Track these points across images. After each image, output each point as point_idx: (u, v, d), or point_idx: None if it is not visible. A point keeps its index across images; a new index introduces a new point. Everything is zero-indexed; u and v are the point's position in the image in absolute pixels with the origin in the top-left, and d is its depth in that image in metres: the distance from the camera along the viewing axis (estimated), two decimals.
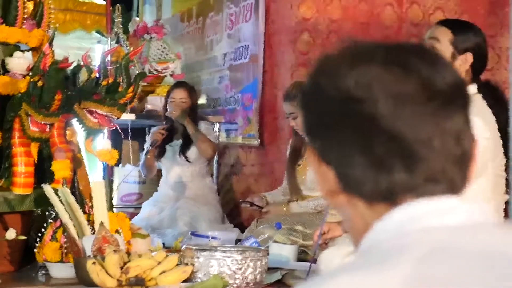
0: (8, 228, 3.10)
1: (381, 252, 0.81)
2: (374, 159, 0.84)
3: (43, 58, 3.26)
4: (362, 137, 0.85)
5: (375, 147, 0.84)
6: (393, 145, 0.84)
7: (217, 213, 5.07)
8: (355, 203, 0.89)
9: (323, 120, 0.89)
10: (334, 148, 0.88)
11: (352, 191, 0.88)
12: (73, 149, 3.42)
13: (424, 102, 0.84)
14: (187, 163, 5.14)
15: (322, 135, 0.90)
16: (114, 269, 2.63)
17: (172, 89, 5.21)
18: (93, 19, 7.14)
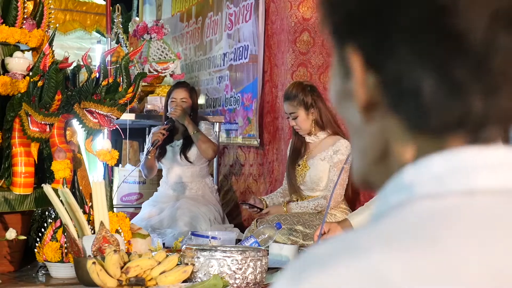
0: (8, 228, 3.10)
1: (419, 217, 0.64)
2: (451, 82, 0.67)
3: (43, 58, 3.26)
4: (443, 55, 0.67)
5: (456, 70, 0.67)
6: (477, 71, 0.67)
7: (217, 213, 5.08)
8: (387, 121, 0.71)
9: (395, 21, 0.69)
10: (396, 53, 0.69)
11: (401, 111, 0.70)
12: (73, 149, 3.42)
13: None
14: (187, 164, 5.15)
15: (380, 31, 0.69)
16: (114, 269, 2.63)
17: (173, 89, 5.22)
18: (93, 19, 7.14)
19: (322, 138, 4.39)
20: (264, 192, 5.33)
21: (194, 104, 5.19)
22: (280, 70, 5.26)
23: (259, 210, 4.40)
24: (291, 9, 4.98)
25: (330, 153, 4.31)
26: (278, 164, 5.27)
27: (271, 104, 5.44)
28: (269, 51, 5.43)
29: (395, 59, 0.68)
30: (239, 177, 5.90)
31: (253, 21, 5.54)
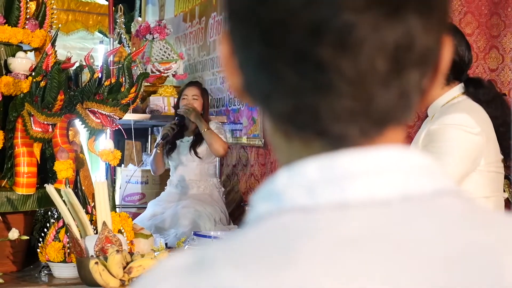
0: (11, 228, 3.10)
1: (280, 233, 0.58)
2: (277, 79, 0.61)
3: (46, 58, 3.26)
4: (267, 49, 0.61)
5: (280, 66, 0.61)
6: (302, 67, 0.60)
7: (223, 215, 5.08)
8: (263, 112, 0.66)
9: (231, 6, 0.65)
10: (240, 47, 0.64)
11: (256, 101, 0.67)
12: (76, 149, 3.42)
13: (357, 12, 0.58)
14: (196, 160, 5.15)
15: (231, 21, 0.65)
16: (116, 269, 2.63)
17: (185, 87, 5.29)
18: (96, 19, 7.14)
19: None
20: None
21: (205, 104, 5.22)
22: None
23: None
24: None
25: None
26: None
27: None
28: None
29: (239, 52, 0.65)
30: (241, 177, 5.90)
31: None
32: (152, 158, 5.25)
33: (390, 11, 0.58)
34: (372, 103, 0.60)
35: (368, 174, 0.59)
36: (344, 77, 0.59)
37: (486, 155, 2.73)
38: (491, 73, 3.61)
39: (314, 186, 0.59)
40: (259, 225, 0.60)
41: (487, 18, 3.66)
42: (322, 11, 0.58)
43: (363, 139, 0.61)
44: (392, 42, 0.59)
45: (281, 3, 0.60)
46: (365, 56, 0.59)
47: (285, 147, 0.65)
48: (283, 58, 0.60)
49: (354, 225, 0.57)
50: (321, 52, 0.59)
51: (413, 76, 0.60)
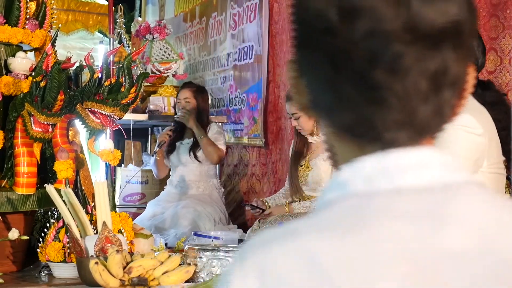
0: (11, 228, 3.10)
1: (347, 212, 0.76)
2: (340, 95, 0.78)
3: (46, 58, 3.27)
4: (332, 72, 0.78)
5: (343, 85, 0.78)
6: (361, 86, 0.77)
7: (222, 215, 5.08)
8: (325, 125, 0.84)
9: (303, 38, 0.82)
10: (309, 69, 0.82)
11: (321, 116, 0.84)
12: (76, 149, 3.42)
13: (407, 43, 0.75)
14: (196, 162, 5.16)
15: (300, 49, 0.83)
16: (116, 269, 2.64)
17: (179, 90, 5.28)
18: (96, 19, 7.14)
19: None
20: (268, 192, 5.33)
21: (200, 104, 5.18)
22: (282, 70, 5.26)
23: (261, 211, 4.40)
24: None
25: None
26: (281, 164, 5.27)
27: (274, 104, 5.44)
28: (273, 51, 5.43)
29: (307, 74, 0.83)
30: (242, 177, 5.90)
31: (257, 21, 5.54)
32: (153, 164, 5.28)
33: (431, 45, 0.76)
34: (415, 115, 0.77)
35: (413, 168, 0.77)
36: (394, 94, 0.76)
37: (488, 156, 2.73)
38: (489, 75, 3.61)
39: (372, 177, 0.77)
40: (330, 207, 0.78)
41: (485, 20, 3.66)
42: (378, 42, 0.75)
43: (408, 144, 0.79)
44: (432, 69, 0.76)
45: (346, 36, 0.76)
46: (411, 78, 0.76)
47: (343, 151, 0.83)
48: (346, 79, 0.77)
49: (406, 204, 0.75)
50: (377, 75, 0.76)
51: (446, 95, 0.78)
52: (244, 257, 0.77)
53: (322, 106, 0.81)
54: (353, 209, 0.76)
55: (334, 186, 0.80)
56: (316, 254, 0.73)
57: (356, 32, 0.76)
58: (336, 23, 0.77)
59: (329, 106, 0.80)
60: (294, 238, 0.75)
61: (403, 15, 0.75)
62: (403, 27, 0.75)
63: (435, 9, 0.76)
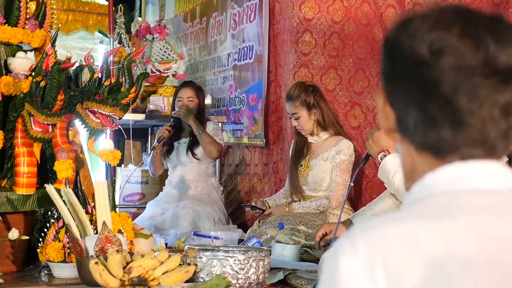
0: (11, 228, 3.10)
1: (437, 204, 0.96)
2: (426, 117, 0.98)
3: (46, 58, 3.27)
4: (421, 96, 0.98)
5: (430, 108, 0.97)
6: (446, 109, 0.97)
7: (222, 214, 5.08)
8: (408, 145, 1.03)
9: (394, 70, 1.02)
10: (398, 96, 1.02)
11: (405, 136, 1.03)
12: (76, 149, 3.42)
13: (484, 77, 0.95)
14: (194, 161, 5.16)
15: (391, 81, 1.03)
16: (116, 269, 2.63)
17: (180, 88, 5.27)
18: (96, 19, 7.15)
19: (324, 138, 4.39)
20: (269, 192, 5.33)
21: (201, 103, 5.21)
22: (283, 70, 5.26)
23: (261, 211, 4.40)
24: (293, 9, 4.97)
25: (332, 153, 4.31)
26: (282, 164, 5.27)
27: (275, 104, 5.44)
28: (274, 51, 5.43)
29: (396, 101, 1.03)
30: (244, 177, 5.90)
31: (257, 21, 5.54)
32: (150, 161, 5.25)
33: (503, 80, 0.96)
34: (488, 136, 0.97)
35: (487, 175, 0.98)
36: (473, 117, 0.96)
37: None
38: None
39: (454, 180, 0.98)
40: (422, 202, 0.98)
41: None
42: (461, 74, 0.96)
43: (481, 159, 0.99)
44: (503, 99, 0.96)
45: (435, 67, 0.96)
46: (486, 106, 0.96)
47: (424, 166, 1.02)
48: (433, 103, 0.97)
49: (484, 200, 0.96)
50: (459, 100, 0.96)
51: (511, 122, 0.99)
52: (354, 237, 0.94)
53: (409, 127, 1.01)
54: (443, 203, 0.96)
55: (421, 188, 1.00)
56: (419, 234, 0.92)
57: (444, 65, 0.96)
58: (427, 57, 0.97)
59: (415, 127, 1.00)
60: (398, 223, 0.95)
61: (482, 55, 0.95)
62: (482, 64, 0.95)
63: (507, 52, 0.96)
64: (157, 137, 5.08)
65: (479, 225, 0.94)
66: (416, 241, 0.92)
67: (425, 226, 0.93)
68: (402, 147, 1.05)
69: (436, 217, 0.94)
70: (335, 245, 0.95)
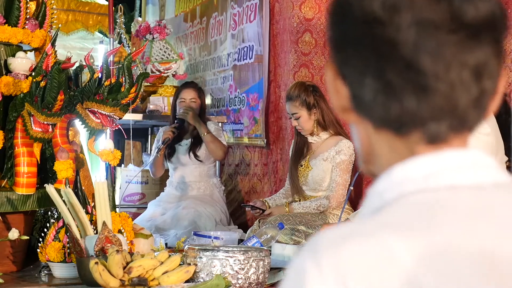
0: (11, 228, 3.10)
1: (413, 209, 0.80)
2: (385, 84, 0.83)
3: (46, 58, 3.27)
4: (378, 62, 0.83)
5: (389, 74, 0.82)
6: (408, 74, 0.81)
7: (223, 215, 5.07)
8: (365, 124, 0.87)
9: (345, 36, 0.87)
10: (351, 66, 0.86)
11: (362, 112, 0.87)
12: (76, 149, 3.42)
13: (448, 32, 0.81)
14: (196, 163, 5.15)
15: (342, 50, 0.87)
16: (116, 269, 2.63)
17: (181, 89, 5.23)
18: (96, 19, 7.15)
19: (324, 138, 4.39)
20: (269, 192, 5.33)
21: (203, 104, 5.20)
22: (283, 70, 5.26)
23: (261, 211, 4.40)
24: (293, 9, 4.97)
25: (332, 153, 4.31)
26: (282, 164, 5.27)
27: (275, 104, 5.44)
28: (274, 51, 5.43)
29: (348, 72, 0.86)
30: (244, 177, 5.90)
31: (257, 21, 5.54)
32: (152, 162, 5.21)
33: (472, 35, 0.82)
34: (458, 103, 0.82)
35: (465, 168, 0.83)
36: (440, 80, 0.81)
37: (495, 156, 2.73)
38: None
39: (430, 176, 0.82)
40: (395, 205, 0.81)
41: None
42: (421, 32, 0.81)
43: (451, 135, 0.84)
44: (474, 59, 0.82)
45: (391, 25, 0.81)
46: (455, 67, 0.81)
47: (387, 151, 0.86)
48: (393, 67, 0.82)
49: (467, 201, 0.80)
50: (423, 62, 0.81)
51: (486, 86, 0.83)
52: (318, 257, 0.77)
53: (366, 101, 0.85)
54: (420, 207, 0.80)
55: (389, 186, 0.84)
56: (395, 250, 0.76)
57: (401, 21, 0.81)
58: (380, 14, 0.82)
59: (373, 99, 0.84)
60: (370, 236, 0.77)
61: (445, 7, 0.81)
62: (446, 18, 0.81)
63: (474, 4, 0.82)
64: (162, 139, 5.04)
65: (467, 237, 0.77)
66: (391, 259, 0.75)
67: (402, 240, 0.76)
68: (358, 127, 0.89)
69: (414, 228, 0.77)
70: (296, 262, 0.79)
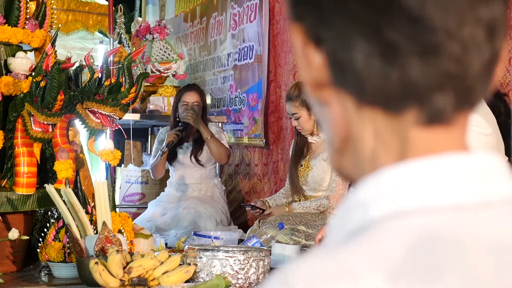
0: (11, 228, 3.10)
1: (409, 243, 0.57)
2: (383, 46, 0.60)
3: (46, 58, 3.27)
4: (374, 17, 0.61)
5: (388, 31, 0.60)
6: (413, 30, 0.60)
7: (224, 216, 5.06)
8: (343, 101, 0.64)
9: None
10: (331, 24, 0.63)
11: (345, 85, 0.63)
12: (76, 149, 3.42)
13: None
14: (197, 166, 5.12)
15: (316, 5, 0.64)
16: (116, 269, 2.63)
17: (183, 92, 5.14)
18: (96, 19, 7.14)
19: (324, 138, 4.39)
20: (269, 192, 5.33)
21: (205, 106, 5.16)
22: (283, 70, 5.27)
23: (261, 211, 4.40)
24: None
25: None
26: (283, 164, 5.27)
27: (275, 104, 5.44)
28: (274, 51, 5.44)
29: (331, 31, 0.63)
30: (244, 177, 5.90)
31: (257, 21, 5.54)
32: (153, 165, 5.16)
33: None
34: (471, 67, 0.61)
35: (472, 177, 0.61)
36: (453, 39, 0.60)
37: None
38: None
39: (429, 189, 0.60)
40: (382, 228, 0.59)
41: None
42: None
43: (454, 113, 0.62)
44: (488, 15, 0.61)
45: None
46: (469, 22, 0.61)
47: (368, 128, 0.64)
48: (393, 24, 0.60)
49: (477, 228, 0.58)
50: (432, 16, 0.60)
51: (497, 46, 0.63)
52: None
53: (353, 69, 0.62)
54: (418, 240, 0.57)
55: (380, 196, 0.61)
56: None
57: None
58: None
59: (364, 66, 0.61)
60: (353, 278, 0.56)
61: None
62: None
63: None
64: (166, 142, 4.98)
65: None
66: None
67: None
68: (332, 106, 0.65)
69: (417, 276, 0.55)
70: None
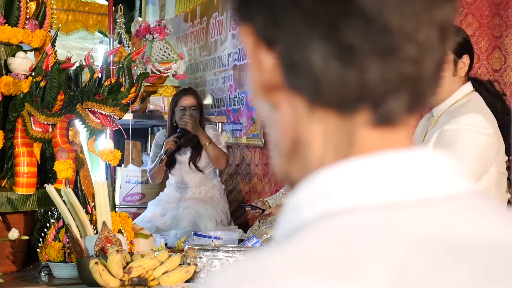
0: (11, 228, 3.10)
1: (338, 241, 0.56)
2: (341, 48, 0.59)
3: (46, 58, 3.27)
4: (331, 18, 0.59)
5: (346, 32, 0.59)
6: (370, 32, 0.59)
7: (224, 216, 5.04)
8: (294, 103, 0.63)
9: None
10: (284, 24, 0.61)
11: (299, 87, 0.62)
12: (76, 149, 3.42)
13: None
14: (196, 171, 5.09)
15: (268, 5, 0.62)
16: (116, 269, 2.63)
17: (180, 97, 5.05)
18: (96, 19, 7.14)
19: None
20: (269, 192, 5.33)
21: (201, 110, 5.11)
22: None
23: (261, 211, 4.40)
24: None
25: None
26: None
27: None
28: None
29: (285, 31, 0.61)
30: (244, 177, 5.90)
31: None
32: (153, 171, 5.11)
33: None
34: (424, 68, 0.61)
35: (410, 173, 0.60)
36: (410, 41, 0.60)
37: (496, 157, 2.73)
38: (494, 74, 3.61)
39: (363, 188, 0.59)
40: (312, 230, 0.58)
41: (488, 19, 3.66)
42: None
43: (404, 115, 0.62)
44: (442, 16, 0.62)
45: None
46: (425, 24, 0.61)
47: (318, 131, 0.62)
48: (350, 25, 0.59)
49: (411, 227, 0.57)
50: (390, 17, 0.59)
51: (447, 48, 0.64)
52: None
53: (310, 70, 0.60)
54: (347, 237, 0.56)
55: (312, 198, 0.60)
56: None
57: None
58: None
59: (323, 67, 0.60)
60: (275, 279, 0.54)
61: None
62: None
63: None
64: (164, 149, 4.94)
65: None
66: None
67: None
68: (281, 109, 0.63)
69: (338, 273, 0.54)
70: None
